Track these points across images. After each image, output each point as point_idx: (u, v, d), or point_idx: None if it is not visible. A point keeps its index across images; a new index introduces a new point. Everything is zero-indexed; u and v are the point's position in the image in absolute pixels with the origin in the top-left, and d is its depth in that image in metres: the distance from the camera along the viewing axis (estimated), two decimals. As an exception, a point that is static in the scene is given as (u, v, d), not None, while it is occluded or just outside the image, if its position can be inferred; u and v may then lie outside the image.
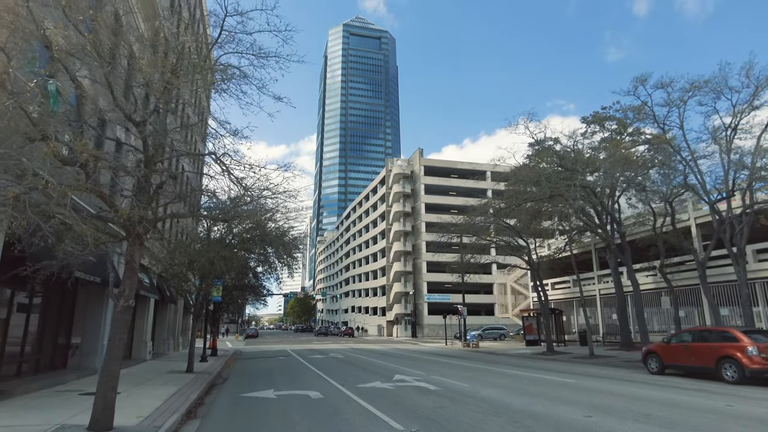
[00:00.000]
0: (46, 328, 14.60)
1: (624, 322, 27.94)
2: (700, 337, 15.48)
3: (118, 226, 8.35)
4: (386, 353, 30.54)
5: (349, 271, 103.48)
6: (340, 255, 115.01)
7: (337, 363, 22.80)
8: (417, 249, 71.66)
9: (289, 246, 20.91)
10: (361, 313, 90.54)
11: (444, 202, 72.24)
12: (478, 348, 35.83)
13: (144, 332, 22.74)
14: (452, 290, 70.54)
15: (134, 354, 22.41)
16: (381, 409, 9.93)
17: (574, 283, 37.26)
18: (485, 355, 28.77)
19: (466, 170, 75.59)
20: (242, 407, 10.65)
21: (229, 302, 28.91)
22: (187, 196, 14.50)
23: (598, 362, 22.03)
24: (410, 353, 30.90)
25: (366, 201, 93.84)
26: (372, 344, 45.39)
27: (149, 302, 23.10)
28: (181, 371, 17.92)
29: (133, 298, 8.29)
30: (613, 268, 28.58)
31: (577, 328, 36.31)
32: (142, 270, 20.97)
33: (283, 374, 17.81)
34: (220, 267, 14.87)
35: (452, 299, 68.28)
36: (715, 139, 22.77)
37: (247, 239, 17.85)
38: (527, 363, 22.71)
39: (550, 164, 23.77)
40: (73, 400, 10.75)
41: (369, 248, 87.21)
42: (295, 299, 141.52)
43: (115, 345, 7.92)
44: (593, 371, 18.19)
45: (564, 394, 11.85)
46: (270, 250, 21.13)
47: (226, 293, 27.98)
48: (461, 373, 17.32)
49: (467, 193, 72.55)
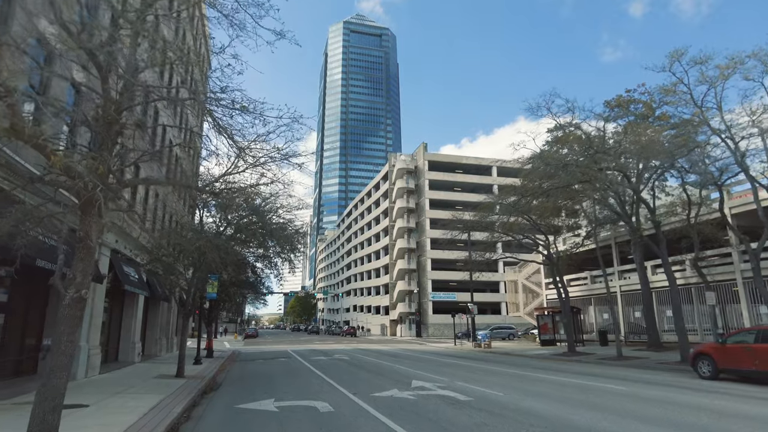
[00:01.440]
0: (11, 327, 12.56)
1: (651, 321, 25.94)
2: (765, 337, 13.44)
3: (72, 193, 6.30)
4: (394, 354, 28.52)
5: (350, 269, 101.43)
6: (341, 253, 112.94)
7: (344, 366, 20.79)
8: (421, 246, 69.63)
9: (290, 238, 19.03)
10: (363, 312, 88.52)
11: (449, 198, 70.24)
12: (491, 348, 33.80)
13: (132, 332, 20.72)
14: (458, 288, 68.52)
15: (121, 356, 20.41)
16: (408, 428, 7.92)
17: (591, 280, 35.26)
18: (502, 357, 26.75)
19: (471, 165, 73.58)
20: (236, 424, 8.64)
21: (226, 300, 26.86)
22: (157, 151, 12.36)
23: (630, 364, 20.00)
24: (420, 354, 28.88)
25: (368, 198, 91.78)
26: (377, 344, 43.37)
27: (137, 299, 21.09)
28: (171, 376, 15.92)
29: (87, 287, 6.29)
30: (639, 262, 26.58)
31: (596, 327, 34.29)
32: (130, 263, 18.93)
33: (285, 379, 15.80)
34: (213, 259, 12.83)
35: (458, 298, 66.32)
36: (753, 121, 20.78)
37: (245, 227, 15.84)
38: (552, 365, 20.69)
39: (580, 147, 21.70)
40: (27, 416, 8.70)
41: (371, 246, 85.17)
42: (295, 299, 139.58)
43: (60, 351, 5.94)
44: (635, 375, 16.16)
45: (628, 407, 9.83)
46: (270, 242, 19.26)
47: (222, 290, 25.96)
48: (487, 378, 15.30)
49: (472, 189, 70.66)
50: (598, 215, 27.37)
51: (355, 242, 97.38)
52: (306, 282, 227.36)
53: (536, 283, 42.56)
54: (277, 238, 16.77)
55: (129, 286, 17.54)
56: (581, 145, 22.53)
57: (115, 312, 20.18)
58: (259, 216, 15.81)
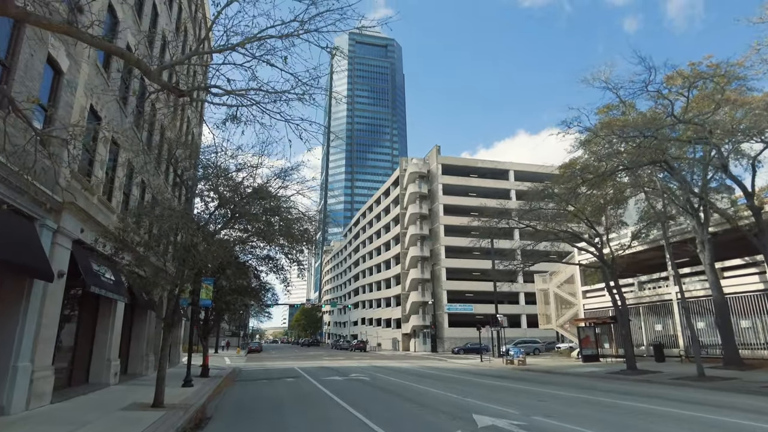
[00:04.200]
0: None
1: (727, 333, 21.83)
2: None
3: None
4: (420, 373, 24.47)
5: (358, 280, 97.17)
6: (349, 264, 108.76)
7: (367, 390, 16.80)
8: (435, 254, 65.58)
9: (299, 222, 15.37)
10: (373, 326, 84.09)
11: (464, 203, 66.36)
12: (526, 365, 29.63)
13: (107, 348, 16.80)
14: (475, 300, 64.39)
15: (93, 377, 16.49)
16: None
17: (639, 287, 31.15)
18: (548, 376, 22.64)
19: (487, 169, 69.87)
20: None
21: (225, 309, 23.02)
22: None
23: (727, 387, 15.91)
24: (449, 373, 24.82)
25: (377, 205, 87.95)
26: (392, 360, 39.22)
27: (115, 308, 17.22)
28: (146, 405, 12.04)
29: None
30: (709, 263, 22.54)
31: (645, 340, 30.10)
32: (106, 261, 15.05)
33: (297, 410, 11.88)
34: (188, 241, 9.03)
35: (475, 310, 62.21)
36: None
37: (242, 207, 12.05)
38: (626, 387, 16.61)
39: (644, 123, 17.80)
40: None
41: (381, 255, 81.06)
42: (300, 311, 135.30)
43: None
44: (758, 405, 12.08)
45: None
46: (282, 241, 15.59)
47: (220, 297, 22.13)
48: (571, 410, 11.29)
49: (488, 194, 66.74)
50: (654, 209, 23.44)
51: (364, 252, 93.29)
52: (311, 295, 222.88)
53: (570, 293, 38.37)
54: (285, 223, 13.00)
55: (97, 287, 13.68)
56: (645, 123, 18.66)
57: (86, 323, 16.32)
58: (262, 193, 12.04)
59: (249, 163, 11.98)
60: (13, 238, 9.91)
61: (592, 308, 35.37)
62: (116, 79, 15.74)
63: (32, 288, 10.98)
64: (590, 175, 19.54)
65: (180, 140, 13.09)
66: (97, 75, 14.20)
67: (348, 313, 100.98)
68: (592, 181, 19.32)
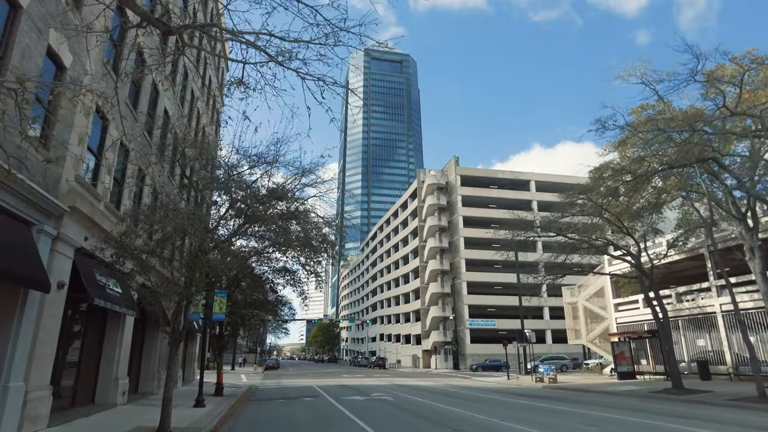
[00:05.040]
0: None
1: (786, 349, 19.90)
2: None
3: None
4: (446, 393, 22.93)
5: (376, 295, 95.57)
6: (366, 278, 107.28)
7: (393, 412, 15.42)
8: (455, 268, 63.87)
9: (317, 247, 14.27)
10: (392, 342, 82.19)
11: (484, 215, 64.75)
12: (557, 383, 27.80)
13: (114, 365, 15.79)
14: (497, 315, 62.36)
15: (98, 396, 15.46)
16: None
17: (678, 298, 29.20)
18: (587, 395, 20.90)
19: (507, 180, 68.25)
20: None
21: (240, 324, 21.94)
22: None
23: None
24: (479, 393, 23.24)
25: (395, 218, 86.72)
26: (414, 379, 37.56)
27: (123, 322, 16.26)
28: (152, 428, 10.92)
29: None
30: (761, 272, 20.69)
31: (686, 356, 28.05)
32: (116, 273, 14.05)
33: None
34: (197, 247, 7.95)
35: (498, 325, 60.14)
36: None
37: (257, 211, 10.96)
38: (682, 410, 14.91)
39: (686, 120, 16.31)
40: None
41: (399, 269, 79.52)
42: (318, 327, 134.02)
43: None
44: None
45: None
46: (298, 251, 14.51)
47: (235, 311, 21.07)
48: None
49: (508, 206, 65.02)
50: (698, 213, 21.74)
51: (381, 266, 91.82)
52: (328, 310, 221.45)
53: (600, 306, 36.42)
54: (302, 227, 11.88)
55: (102, 300, 12.70)
56: (687, 119, 17.15)
57: (92, 339, 15.36)
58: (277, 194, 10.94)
59: (264, 158, 10.93)
60: (3, 243, 8.98)
61: (625, 322, 33.42)
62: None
63: (27, 299, 10.00)
64: (629, 176, 18.05)
65: (188, 136, 12.08)
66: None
67: (366, 329, 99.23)
68: (631, 183, 17.82)
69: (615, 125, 18.35)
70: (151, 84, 17.64)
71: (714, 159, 15.60)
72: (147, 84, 17.19)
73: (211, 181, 10.79)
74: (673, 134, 15.43)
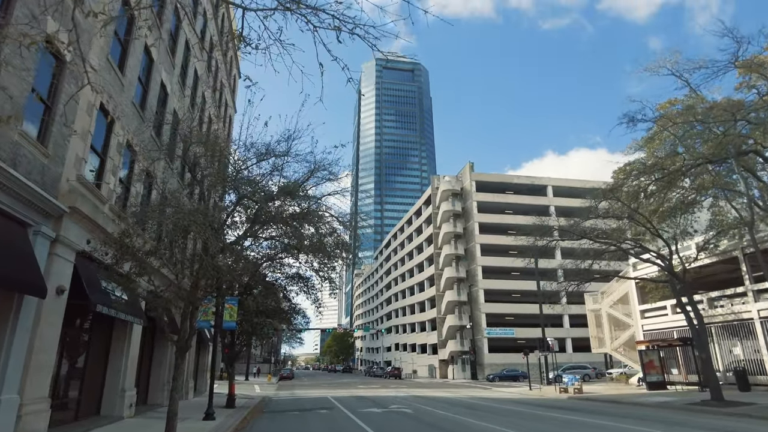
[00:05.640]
0: None
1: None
2: None
3: None
4: (469, 405, 21.83)
5: (391, 304, 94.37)
6: (381, 287, 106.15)
7: (414, 426, 14.43)
8: (472, 275, 62.56)
9: (331, 253, 13.46)
10: (407, 352, 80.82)
11: (500, 221, 63.57)
12: (583, 394, 26.48)
13: (120, 376, 15.08)
14: (516, 323, 60.89)
15: (104, 408, 14.74)
16: None
17: (710, 304, 27.75)
18: (619, 407, 19.65)
19: (523, 185, 66.96)
20: None
21: (251, 332, 21.18)
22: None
23: None
24: (502, 404, 22.10)
25: (408, 225, 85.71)
26: (433, 389, 36.38)
27: (131, 331, 15.57)
28: (156, 445, 10.13)
29: None
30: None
31: (721, 365, 26.53)
32: (113, 276, 13.38)
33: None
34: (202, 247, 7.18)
35: (516, 334, 58.66)
36: None
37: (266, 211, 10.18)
38: (732, 425, 13.69)
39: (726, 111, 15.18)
40: None
41: (414, 277, 78.33)
42: (332, 337, 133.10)
43: None
44: None
45: None
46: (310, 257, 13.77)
47: (246, 319, 20.33)
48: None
49: (525, 211, 63.66)
50: (736, 212, 20.52)
51: (395, 274, 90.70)
52: (342, 320, 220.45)
53: (625, 313, 34.97)
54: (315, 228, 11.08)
55: (106, 307, 12.01)
56: (729, 108, 16.02)
57: (98, 348, 14.69)
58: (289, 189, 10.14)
59: (273, 151, 10.15)
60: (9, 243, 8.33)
61: (652, 329, 31.95)
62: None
63: (22, 305, 9.32)
64: (662, 172, 16.94)
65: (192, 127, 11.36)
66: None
67: (381, 339, 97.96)
68: (664, 180, 16.67)
69: (644, 119, 17.31)
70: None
71: (756, 152, 14.49)
72: (156, 79, 16.68)
73: (218, 175, 10.01)
74: (710, 126, 14.32)
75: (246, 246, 16.04)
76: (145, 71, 16.07)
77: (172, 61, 18.69)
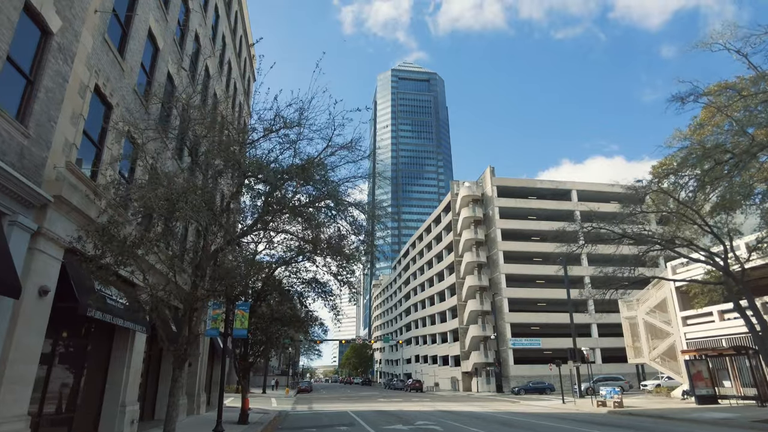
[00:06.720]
0: None
1: None
2: None
3: None
4: (504, 422, 19.91)
5: (410, 315, 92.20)
6: (399, 297, 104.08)
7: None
8: (495, 283, 60.37)
9: (349, 255, 12.20)
10: (428, 363, 78.49)
11: (523, 227, 61.50)
12: (624, 408, 24.28)
13: (120, 389, 13.67)
14: (542, 333, 58.48)
15: (102, 425, 13.33)
16: None
17: (764, 309, 25.33)
18: (672, 424, 17.54)
19: (546, 190, 64.77)
20: None
21: (265, 342, 19.70)
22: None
23: None
24: (539, 420, 20.14)
25: (427, 233, 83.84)
26: (458, 403, 34.36)
27: (133, 340, 14.19)
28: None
29: None
30: None
31: (779, 377, 24.06)
32: (120, 283, 12.01)
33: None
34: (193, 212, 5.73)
35: (543, 344, 56.22)
36: None
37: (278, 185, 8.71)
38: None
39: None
40: None
41: (434, 286, 76.24)
42: (351, 348, 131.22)
43: None
44: None
45: None
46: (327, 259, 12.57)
47: (260, 326, 18.89)
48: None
49: (548, 217, 61.40)
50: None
51: (415, 284, 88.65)
52: (360, 332, 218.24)
53: (664, 321, 32.60)
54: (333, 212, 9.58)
55: (100, 312, 10.65)
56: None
57: (96, 359, 13.33)
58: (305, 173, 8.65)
59: (285, 120, 8.68)
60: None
61: (696, 337, 29.59)
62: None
63: (-8, 307, 8.00)
64: (728, 155, 15.04)
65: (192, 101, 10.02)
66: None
67: (401, 350, 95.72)
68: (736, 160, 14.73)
69: (696, 99, 15.54)
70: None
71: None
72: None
73: (219, 148, 8.56)
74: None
75: (259, 250, 14.64)
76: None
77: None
